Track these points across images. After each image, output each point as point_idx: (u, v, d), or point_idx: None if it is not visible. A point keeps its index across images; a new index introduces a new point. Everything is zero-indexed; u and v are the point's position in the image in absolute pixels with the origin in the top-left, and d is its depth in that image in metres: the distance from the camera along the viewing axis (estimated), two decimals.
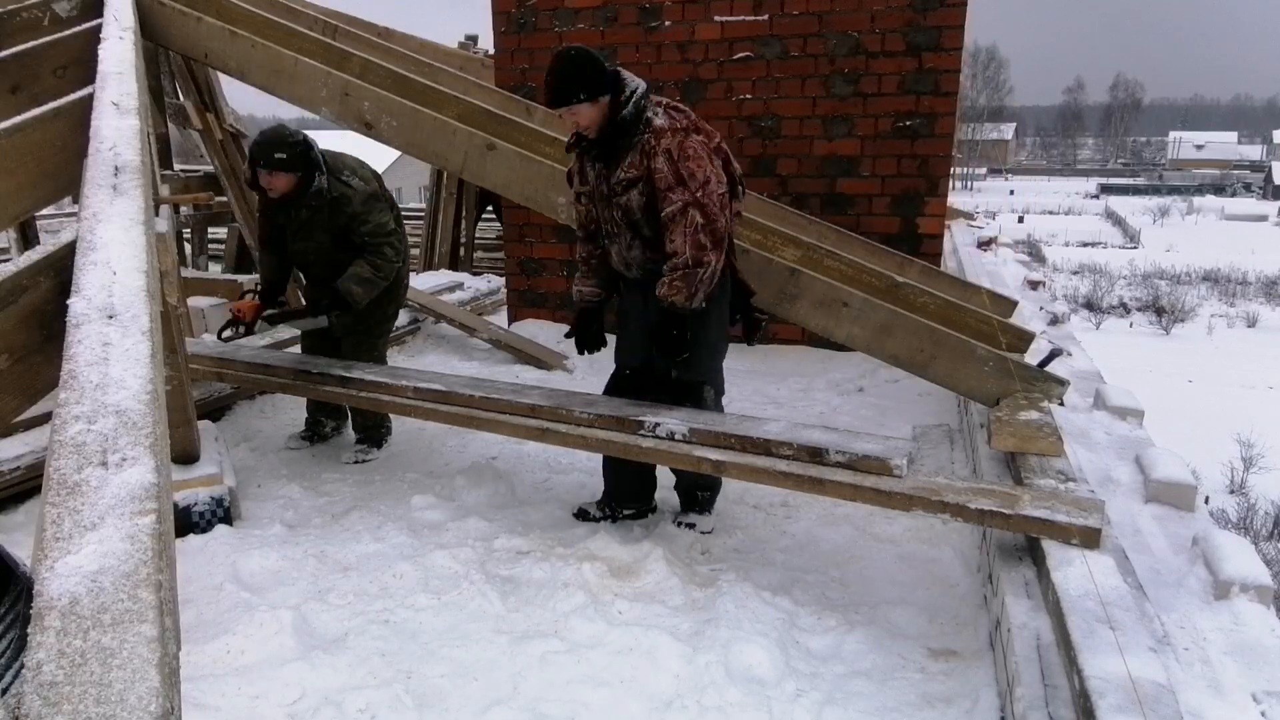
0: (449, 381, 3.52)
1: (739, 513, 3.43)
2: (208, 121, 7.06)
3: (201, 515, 3.24)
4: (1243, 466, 9.46)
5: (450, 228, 8.81)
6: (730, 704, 2.27)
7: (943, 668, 2.48)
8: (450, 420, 3.38)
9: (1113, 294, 20.81)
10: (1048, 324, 4.91)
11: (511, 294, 6.53)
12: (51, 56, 3.43)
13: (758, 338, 3.33)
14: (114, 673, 0.84)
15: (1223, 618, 2.04)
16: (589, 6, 5.78)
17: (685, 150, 2.80)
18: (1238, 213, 42.24)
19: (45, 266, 1.78)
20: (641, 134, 2.85)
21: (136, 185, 2.06)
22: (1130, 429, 3.28)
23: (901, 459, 2.63)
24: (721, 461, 2.80)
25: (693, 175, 2.78)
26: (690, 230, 2.78)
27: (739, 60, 5.56)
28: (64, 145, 2.58)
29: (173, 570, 1.10)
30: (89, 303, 1.53)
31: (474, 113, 3.96)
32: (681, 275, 2.82)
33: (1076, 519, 2.30)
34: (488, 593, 2.80)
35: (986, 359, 3.13)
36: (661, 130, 2.83)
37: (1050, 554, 2.25)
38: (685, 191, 2.78)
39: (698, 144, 2.83)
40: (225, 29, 3.99)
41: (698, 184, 2.78)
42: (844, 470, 2.67)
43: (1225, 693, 1.78)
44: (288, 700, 2.27)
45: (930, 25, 5.15)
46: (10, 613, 0.94)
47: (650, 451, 2.93)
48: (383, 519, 3.38)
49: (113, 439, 1.19)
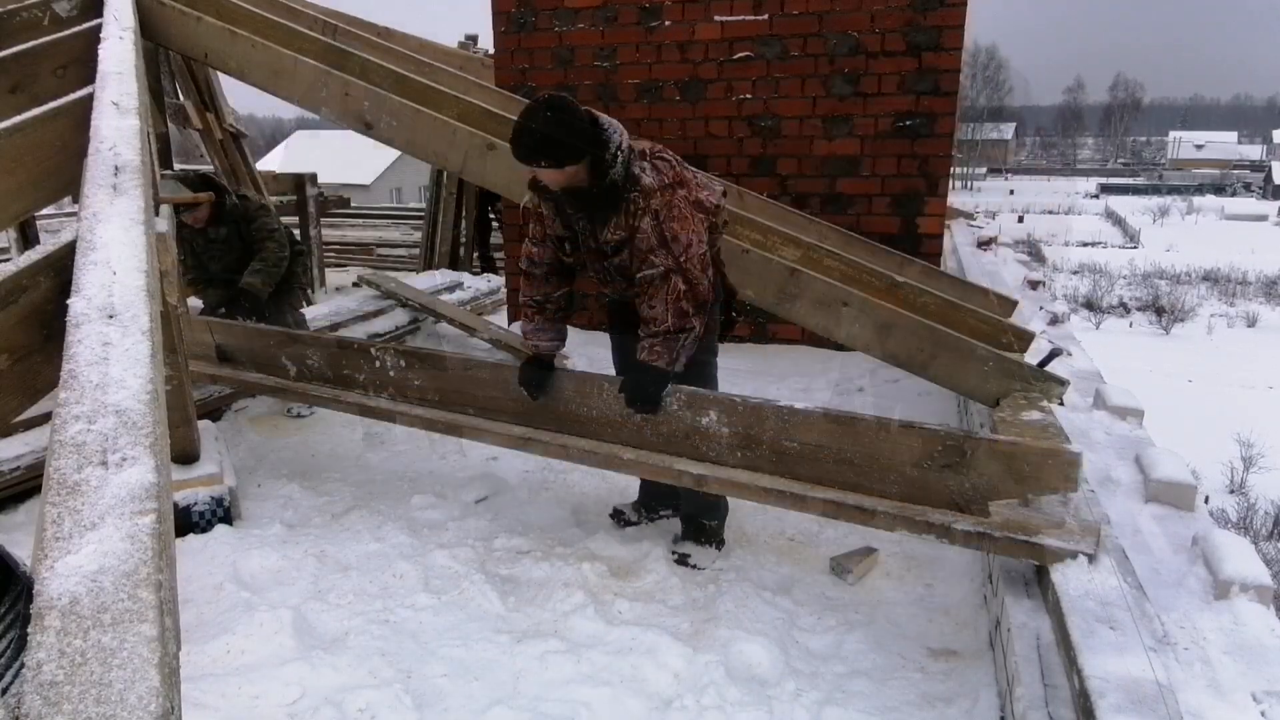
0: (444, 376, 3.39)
1: (739, 512, 3.42)
2: (208, 121, 7.07)
3: (201, 515, 3.24)
4: (1243, 466, 9.46)
5: (450, 228, 8.81)
6: (730, 703, 2.27)
7: (943, 668, 2.48)
8: (433, 428, 3.36)
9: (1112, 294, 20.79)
10: (1048, 324, 4.91)
11: (512, 293, 6.53)
12: (51, 56, 3.43)
13: (759, 338, 3.32)
14: (114, 672, 0.84)
15: (1223, 618, 2.04)
16: (589, 6, 5.78)
17: (671, 210, 2.65)
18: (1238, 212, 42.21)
19: (45, 266, 1.78)
20: (628, 193, 2.66)
21: (136, 185, 2.06)
22: (1130, 429, 3.28)
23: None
24: (704, 476, 2.72)
25: (675, 238, 2.64)
26: (672, 298, 2.66)
27: (739, 60, 5.56)
28: (64, 145, 2.58)
29: (173, 570, 1.10)
30: (89, 302, 1.52)
31: (474, 112, 3.96)
32: (663, 341, 2.71)
33: (1069, 544, 2.21)
34: (488, 592, 2.80)
35: (986, 359, 3.13)
36: (650, 190, 2.64)
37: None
38: (668, 256, 2.64)
39: (681, 201, 2.68)
40: (225, 29, 4.00)
41: (681, 248, 2.64)
42: (829, 489, 2.60)
43: (1225, 693, 1.78)
44: (288, 700, 2.27)
45: (930, 25, 5.15)
46: (10, 612, 0.94)
47: (631, 464, 2.87)
48: (383, 519, 3.38)
49: (113, 439, 1.19)
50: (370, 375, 3.55)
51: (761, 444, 2.71)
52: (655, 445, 2.90)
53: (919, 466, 2.49)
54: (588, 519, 3.43)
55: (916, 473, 2.50)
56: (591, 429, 3.01)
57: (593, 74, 5.89)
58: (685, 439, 2.83)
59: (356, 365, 3.60)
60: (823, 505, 2.58)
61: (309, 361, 3.74)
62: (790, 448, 2.67)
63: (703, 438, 2.79)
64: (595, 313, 6.05)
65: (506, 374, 3.18)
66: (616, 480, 3.65)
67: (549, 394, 3.04)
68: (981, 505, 2.41)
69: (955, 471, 2.44)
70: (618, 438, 2.96)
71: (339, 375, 3.66)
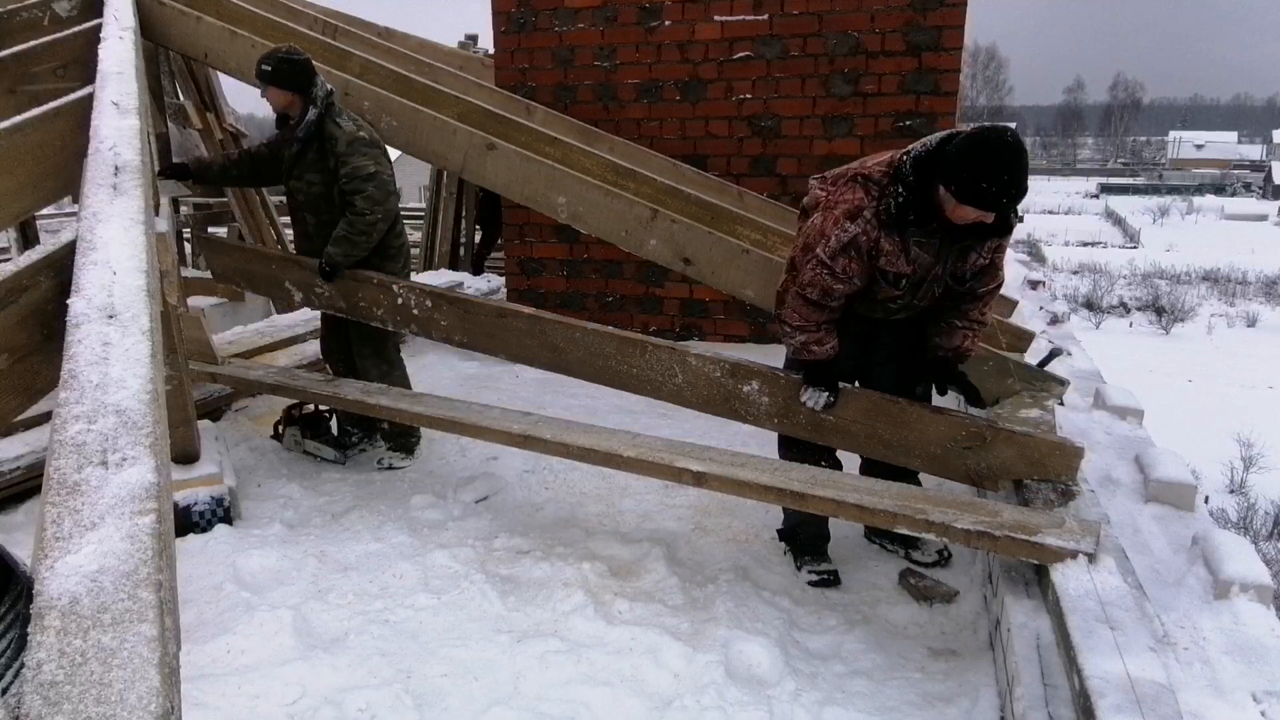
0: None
1: (739, 511, 3.42)
2: (208, 121, 7.06)
3: (201, 515, 3.24)
4: (1243, 466, 9.46)
5: (450, 228, 8.80)
6: (730, 703, 2.27)
7: (943, 667, 2.48)
8: (433, 425, 3.37)
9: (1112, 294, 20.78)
10: (1048, 324, 4.91)
11: (511, 294, 6.53)
12: (51, 56, 3.43)
13: (759, 338, 3.33)
14: (114, 672, 0.84)
15: (1223, 618, 2.04)
16: (589, 6, 5.78)
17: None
18: (1238, 212, 42.20)
19: (45, 266, 1.78)
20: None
21: (136, 185, 2.06)
22: (1130, 429, 3.28)
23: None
24: (703, 473, 2.76)
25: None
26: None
27: (739, 60, 5.56)
28: (64, 145, 2.58)
29: (173, 570, 1.10)
30: (89, 302, 1.52)
31: (474, 113, 3.97)
32: (979, 338, 2.91)
33: (1069, 543, 2.21)
34: (488, 592, 2.80)
35: (986, 358, 3.13)
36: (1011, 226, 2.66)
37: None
38: (1000, 276, 2.81)
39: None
40: (225, 29, 4.00)
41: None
42: (829, 487, 2.63)
43: (1225, 693, 1.78)
44: (288, 700, 2.27)
45: (930, 25, 5.15)
46: (10, 612, 0.94)
47: (631, 462, 2.88)
48: (383, 518, 3.38)
49: (113, 439, 1.19)
50: (390, 310, 3.54)
51: (799, 414, 2.93)
52: (694, 403, 3.15)
53: (943, 445, 2.78)
54: (588, 519, 3.43)
55: (940, 450, 2.78)
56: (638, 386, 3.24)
57: (593, 74, 5.89)
58: (724, 402, 3.08)
59: (375, 299, 3.52)
60: (823, 504, 2.59)
61: (317, 289, 3.64)
62: (826, 420, 2.90)
63: (741, 402, 3.04)
64: (595, 313, 6.05)
65: (544, 326, 3.33)
66: (617, 479, 3.65)
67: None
68: (993, 482, 2.74)
69: (974, 453, 2.73)
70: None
71: (353, 306, 3.63)
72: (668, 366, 3.15)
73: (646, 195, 3.92)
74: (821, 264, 2.62)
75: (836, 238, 2.59)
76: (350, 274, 3.63)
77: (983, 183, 2.31)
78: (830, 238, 2.60)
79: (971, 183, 2.32)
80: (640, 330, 5.82)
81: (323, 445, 4.00)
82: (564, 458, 3.13)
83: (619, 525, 3.38)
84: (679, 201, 3.98)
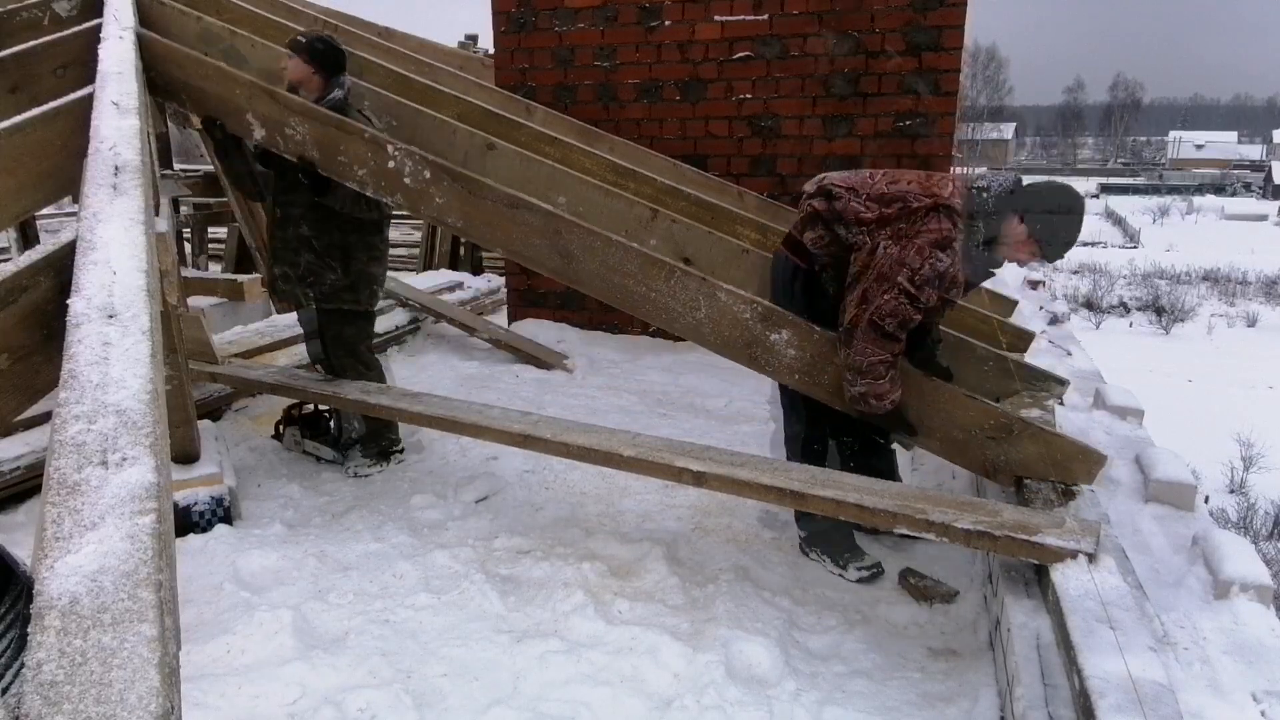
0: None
1: (739, 511, 3.42)
2: None
3: (201, 515, 3.24)
4: (1243, 466, 9.45)
5: None
6: (730, 703, 2.27)
7: (943, 667, 2.48)
8: (433, 425, 3.36)
9: (1112, 294, 20.76)
10: (1048, 324, 4.91)
11: (511, 293, 6.54)
12: (51, 56, 3.42)
13: None
14: (114, 672, 0.84)
15: (1223, 617, 2.04)
16: (589, 6, 5.78)
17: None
18: (1238, 212, 42.17)
19: (45, 266, 1.78)
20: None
21: (136, 185, 2.06)
22: (1130, 429, 3.28)
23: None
24: (703, 473, 2.74)
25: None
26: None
27: (739, 60, 5.56)
28: (64, 145, 2.58)
29: (173, 570, 1.10)
30: (89, 302, 1.52)
31: (474, 112, 3.97)
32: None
33: (1069, 543, 2.21)
34: (488, 592, 2.80)
35: (986, 358, 3.13)
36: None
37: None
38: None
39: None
40: (225, 29, 4.00)
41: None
42: (829, 487, 2.62)
43: (1225, 692, 1.78)
44: (288, 700, 2.27)
45: (930, 25, 5.15)
46: (10, 612, 0.94)
47: (631, 461, 2.87)
48: (383, 518, 3.38)
49: (113, 439, 1.19)
50: (374, 173, 3.14)
51: (825, 375, 2.83)
52: (711, 342, 2.97)
53: (967, 431, 2.74)
54: (588, 519, 3.43)
55: (962, 436, 2.75)
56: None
57: (593, 74, 5.89)
58: (745, 348, 2.92)
59: (359, 156, 3.15)
60: (823, 504, 2.58)
61: (289, 129, 3.22)
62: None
63: (765, 350, 2.90)
64: (594, 312, 6.05)
65: (561, 226, 3.00)
66: (617, 479, 3.65)
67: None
68: (1006, 477, 2.71)
69: (997, 444, 2.70)
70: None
71: (329, 160, 3.20)
72: (693, 298, 2.91)
73: (646, 195, 3.92)
74: (905, 293, 2.55)
75: (931, 266, 2.54)
76: (337, 122, 3.23)
77: (1067, 243, 2.60)
78: (923, 267, 2.54)
79: (1063, 245, 2.61)
80: (641, 330, 5.83)
81: (322, 445, 4.00)
82: (564, 458, 3.12)
83: (619, 525, 3.38)
84: (679, 201, 3.98)
